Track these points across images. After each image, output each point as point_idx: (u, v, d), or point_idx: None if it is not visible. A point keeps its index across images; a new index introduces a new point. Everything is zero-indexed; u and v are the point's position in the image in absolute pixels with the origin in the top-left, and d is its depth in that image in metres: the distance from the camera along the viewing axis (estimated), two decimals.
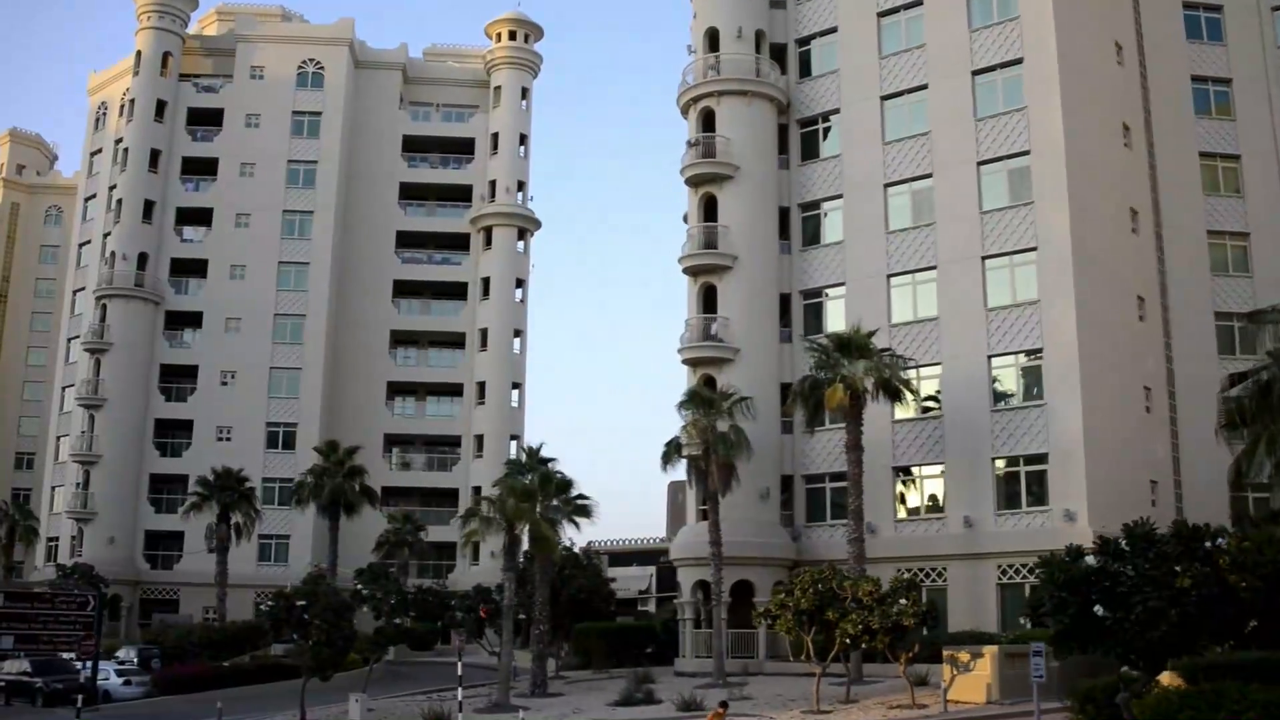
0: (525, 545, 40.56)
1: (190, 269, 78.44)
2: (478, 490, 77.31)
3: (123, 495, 73.70)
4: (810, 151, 48.00)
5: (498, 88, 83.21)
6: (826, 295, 46.80)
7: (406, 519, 65.68)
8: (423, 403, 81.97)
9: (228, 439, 75.30)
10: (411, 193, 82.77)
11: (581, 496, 39.49)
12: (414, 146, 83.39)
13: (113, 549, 72.08)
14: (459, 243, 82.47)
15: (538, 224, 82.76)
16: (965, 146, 43.39)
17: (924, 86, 44.96)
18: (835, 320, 45.28)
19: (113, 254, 76.72)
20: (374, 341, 79.59)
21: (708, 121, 47.43)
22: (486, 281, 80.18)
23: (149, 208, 77.66)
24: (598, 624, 47.83)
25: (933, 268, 43.47)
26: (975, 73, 43.83)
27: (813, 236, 47.31)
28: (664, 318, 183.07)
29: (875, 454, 41.44)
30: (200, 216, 79.16)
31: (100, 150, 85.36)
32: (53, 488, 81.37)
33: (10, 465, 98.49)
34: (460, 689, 32.14)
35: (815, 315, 46.81)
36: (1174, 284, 47.52)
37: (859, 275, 45.06)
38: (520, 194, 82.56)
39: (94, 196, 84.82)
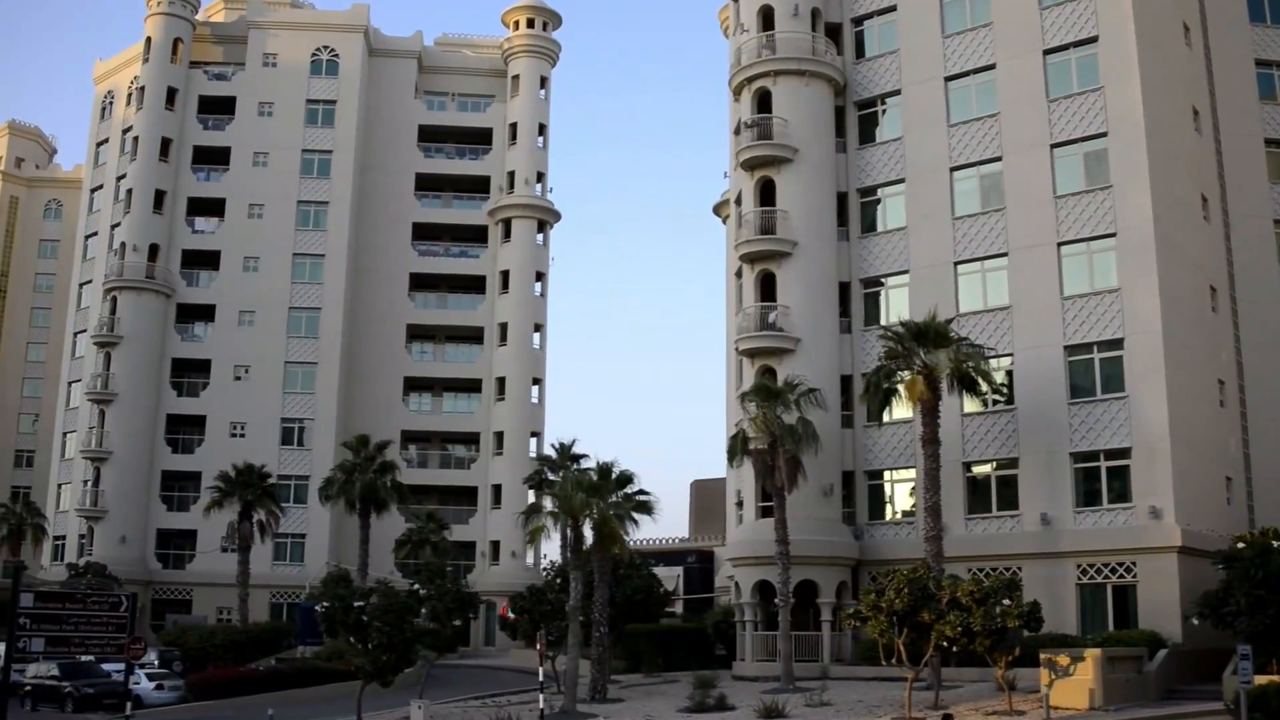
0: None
1: (202, 260, 76.21)
2: (498, 489, 75.48)
3: (134, 493, 71.47)
4: (868, 135, 46.22)
5: (515, 76, 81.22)
6: (883, 284, 45.04)
7: (430, 517, 63.55)
8: (439, 399, 79.87)
9: (241, 435, 73.13)
10: (428, 184, 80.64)
11: (642, 492, 37.58)
12: (430, 137, 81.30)
13: (124, 548, 69.87)
14: (476, 235, 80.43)
15: (557, 216, 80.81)
16: (1037, 129, 41.64)
17: (991, 66, 43.20)
18: (897, 309, 43.44)
19: (123, 245, 74.43)
20: (390, 336, 77.49)
21: (763, 103, 45.58)
22: (505, 275, 78.16)
23: (160, 198, 75.37)
24: (645, 626, 45.89)
25: (1004, 254, 41.69)
26: (1047, 52, 42.05)
27: (871, 223, 45.51)
28: (685, 313, 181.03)
29: (944, 449, 39.48)
30: (212, 207, 76.96)
31: (107, 140, 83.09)
32: (59, 485, 79.01)
33: (10, 463, 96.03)
34: (543, 694, 30.16)
35: (873, 305, 45.03)
36: (1240, 273, 46.09)
37: (924, 263, 43.25)
38: (539, 185, 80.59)
39: (100, 187, 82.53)
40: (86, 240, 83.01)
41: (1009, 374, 40.65)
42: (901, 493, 42.96)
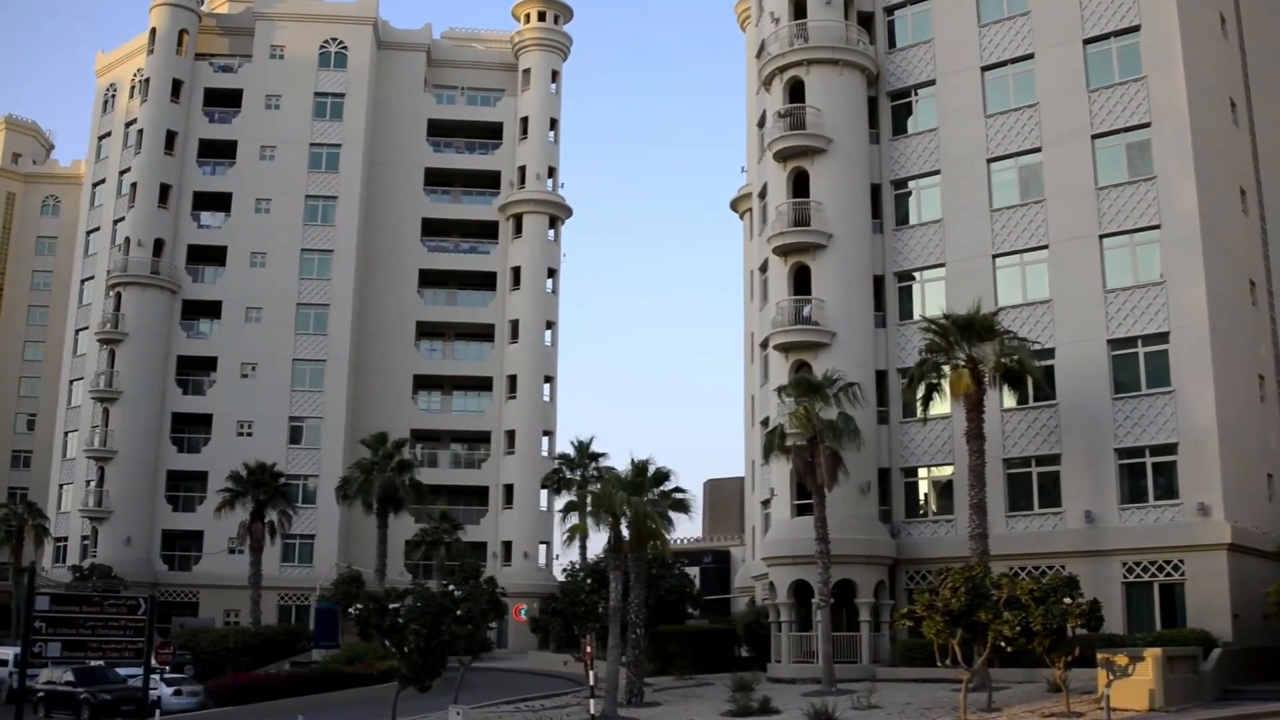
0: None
1: (208, 256, 75.03)
2: (509, 488, 74.42)
3: (139, 493, 70.24)
4: (901, 126, 45.30)
5: (526, 70, 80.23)
6: (915, 278, 44.11)
7: (444, 517, 62.51)
8: (449, 397, 78.77)
9: (249, 434, 71.93)
10: (437, 179, 79.63)
11: (679, 489, 36.56)
12: (439, 131, 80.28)
13: (129, 549, 68.66)
14: (486, 231, 79.40)
15: (569, 211, 79.80)
16: (1077, 119, 40.77)
17: (1029, 56, 42.31)
18: (933, 303, 42.53)
19: (127, 240, 73.21)
20: (399, 333, 76.38)
21: (794, 93, 44.63)
22: (516, 271, 77.17)
23: (165, 192, 74.23)
24: (673, 627, 44.86)
25: (1044, 247, 40.80)
26: (1087, 41, 41.19)
27: (905, 215, 44.58)
28: (695, 311, 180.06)
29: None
30: (218, 201, 75.75)
31: (109, 134, 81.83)
32: (60, 485, 77.66)
33: (6, 463, 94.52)
34: (592, 699, 29.13)
35: (906, 299, 44.11)
36: (1277, 268, 45.47)
37: (961, 256, 42.33)
38: (550, 180, 79.55)
39: (103, 181, 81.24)
40: (88, 235, 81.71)
41: (1049, 369, 39.71)
42: (939, 490, 42.02)
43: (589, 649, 30.20)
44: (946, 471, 41.50)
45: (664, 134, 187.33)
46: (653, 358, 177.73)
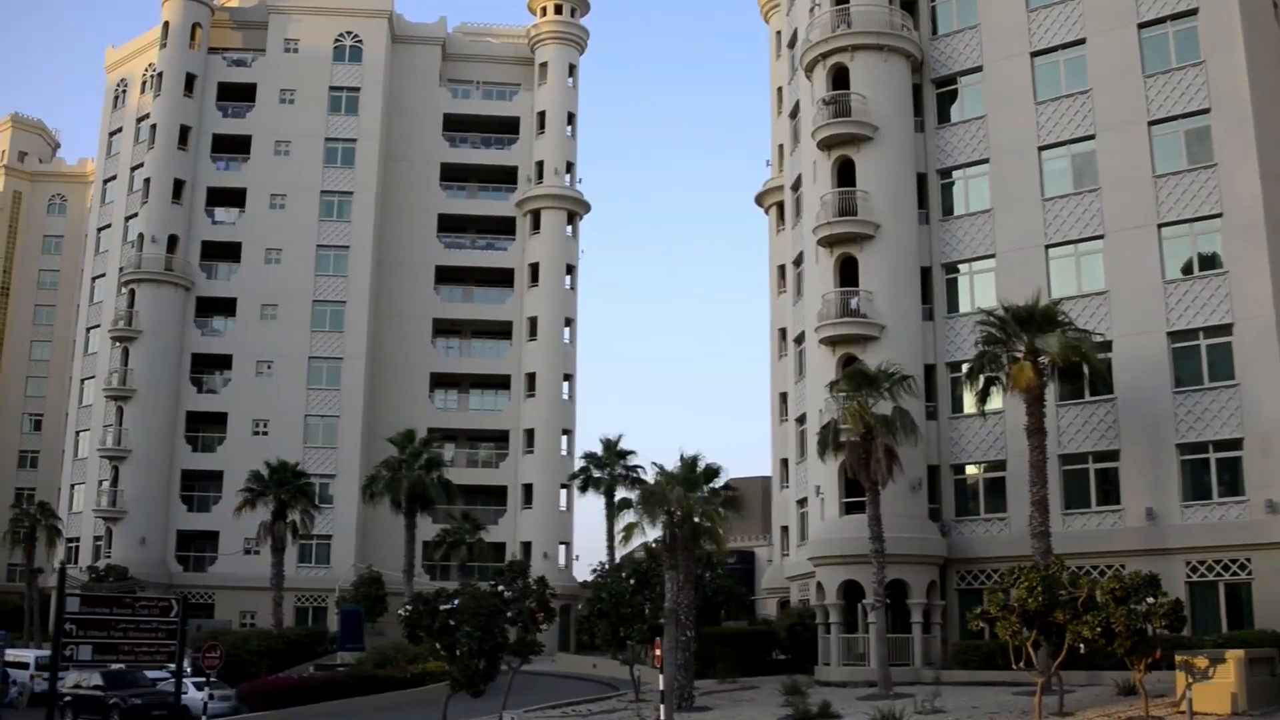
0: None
1: (222, 253, 73.82)
2: (528, 488, 73.18)
3: (153, 493, 69.02)
4: (946, 114, 44.17)
5: (543, 64, 79.03)
6: (960, 270, 43.00)
7: (465, 517, 61.27)
8: (466, 395, 77.52)
9: (264, 433, 70.71)
10: (453, 174, 78.41)
11: (728, 487, 35.34)
12: (455, 126, 79.07)
13: (144, 550, 67.44)
14: (502, 227, 78.23)
15: (587, 207, 78.60)
16: (1133, 105, 39.64)
17: (1081, 41, 41.19)
18: (983, 295, 41.46)
19: (140, 236, 71.97)
20: (415, 330, 75.16)
21: (838, 79, 43.48)
22: (535, 267, 75.93)
23: (179, 187, 73.04)
24: (714, 629, 43.64)
25: (1099, 237, 39.67)
26: (1141, 25, 40.05)
27: (951, 205, 43.45)
28: (711, 309, 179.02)
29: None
30: (232, 197, 74.55)
31: (120, 129, 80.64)
32: (72, 486, 76.40)
33: (14, 464, 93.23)
34: (663, 705, 27.92)
35: (953, 291, 42.98)
36: None
37: (1011, 246, 41.19)
38: (569, 176, 78.37)
39: (114, 178, 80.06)
40: (99, 232, 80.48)
41: (1106, 362, 38.53)
42: (990, 488, 40.84)
43: (659, 651, 28.91)
44: (998, 468, 40.32)
45: (681, 128, 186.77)
46: (669, 355, 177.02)
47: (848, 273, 42.16)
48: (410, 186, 76.66)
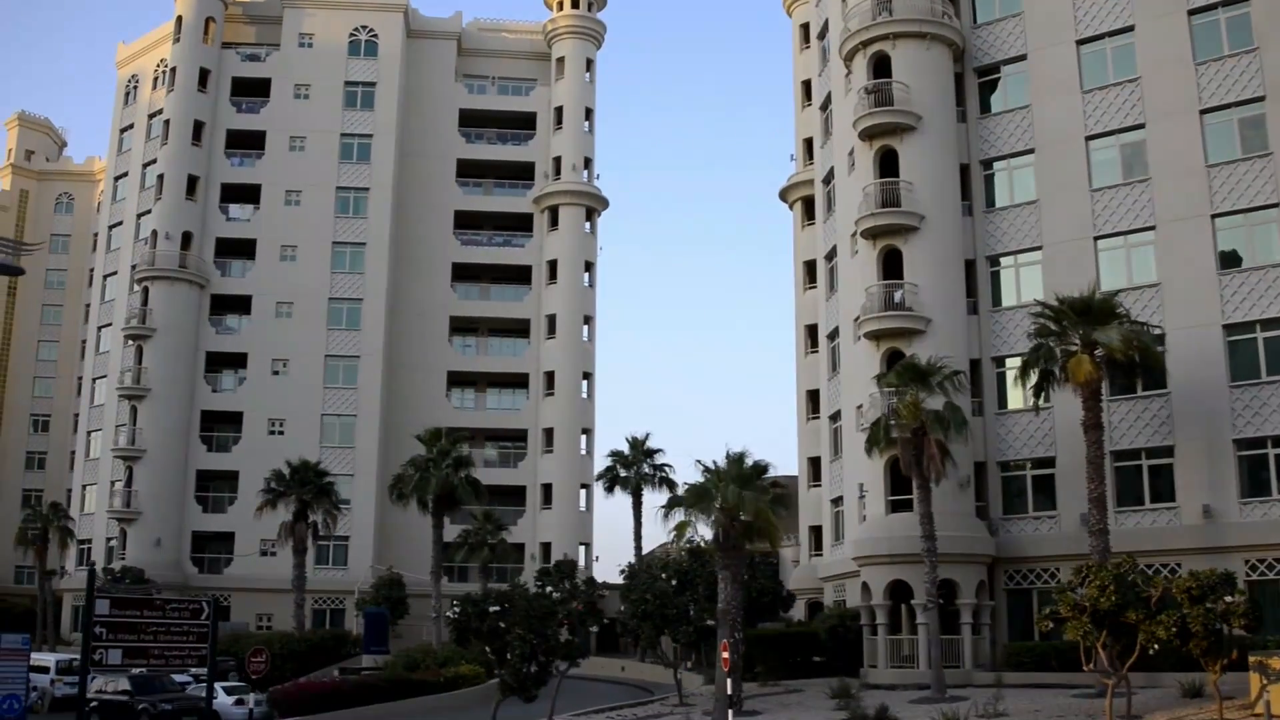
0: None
1: (237, 249, 72.79)
2: (548, 488, 72.18)
3: (168, 493, 68.00)
4: (988, 103, 43.25)
5: (560, 59, 78.03)
6: (1003, 263, 42.08)
7: (487, 518, 60.27)
8: (482, 394, 76.51)
9: (280, 432, 69.69)
10: (469, 170, 77.39)
11: (776, 484, 34.38)
12: (471, 121, 78.08)
13: (159, 551, 66.43)
14: (519, 224, 77.25)
15: (605, 203, 77.64)
16: (1184, 93, 38.73)
17: (1129, 28, 40.26)
18: (1029, 287, 40.59)
19: (154, 232, 70.96)
20: (432, 329, 74.15)
21: (879, 68, 42.55)
22: (553, 265, 74.93)
23: (192, 183, 72.03)
24: (753, 631, 42.63)
25: (1150, 228, 38.75)
26: (1192, 11, 39.16)
27: (994, 197, 42.52)
28: (729, 306, 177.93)
29: (1083, 437, 36.38)
30: (247, 194, 73.53)
31: (131, 126, 79.60)
32: (84, 486, 75.37)
33: (21, 465, 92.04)
34: (730, 710, 26.95)
35: (997, 284, 42.05)
36: None
37: (1059, 238, 40.26)
38: (586, 171, 77.40)
39: (125, 175, 79.04)
40: (110, 230, 79.45)
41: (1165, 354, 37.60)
42: (1039, 485, 39.87)
43: (728, 654, 27.87)
44: (1047, 465, 39.38)
45: (700, 122, 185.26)
46: (686, 351, 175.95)
47: (891, 266, 41.20)
48: (426, 183, 75.68)
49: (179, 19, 73.62)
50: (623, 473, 57.07)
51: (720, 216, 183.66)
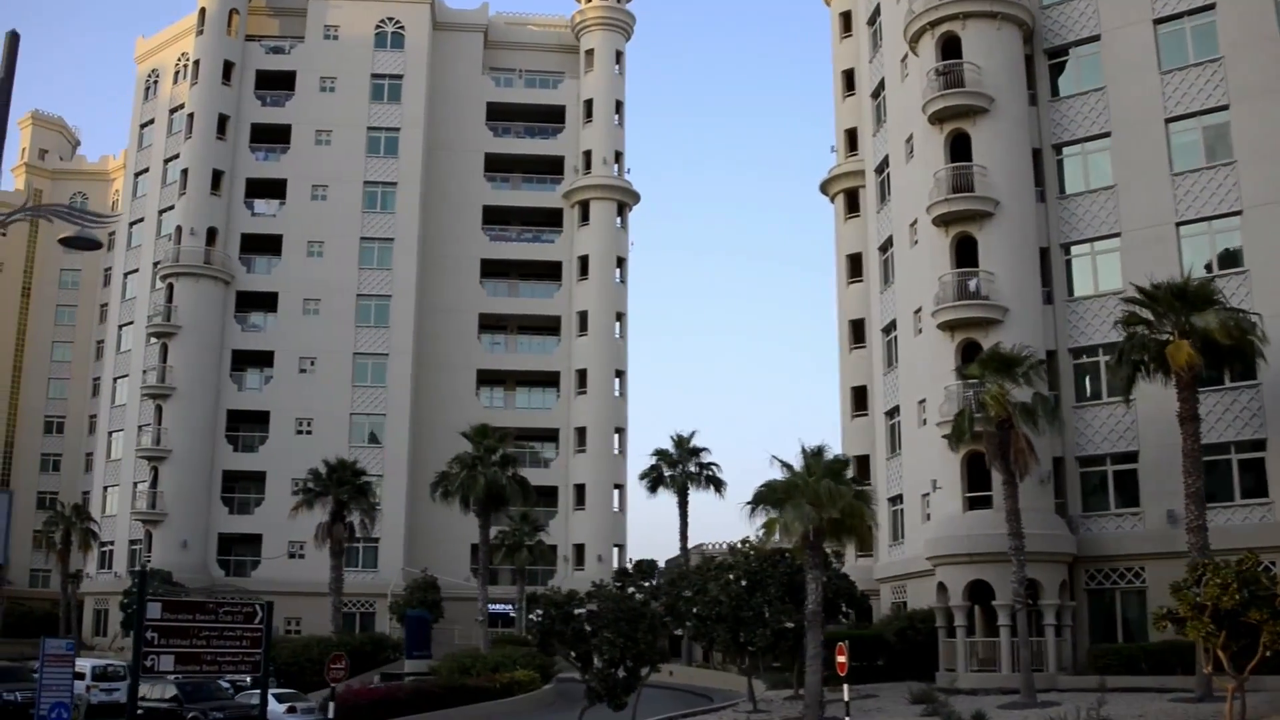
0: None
1: (263, 245, 71.28)
2: (580, 488, 70.67)
3: (194, 494, 66.44)
4: (1058, 85, 41.77)
5: (589, 51, 76.56)
6: (1076, 251, 40.58)
7: (525, 519, 58.74)
8: (512, 393, 74.95)
9: (308, 431, 68.14)
10: (497, 165, 75.91)
11: (858, 480, 32.83)
12: (498, 115, 76.61)
13: (185, 553, 64.80)
14: (548, 219, 75.74)
15: (636, 198, 76.13)
16: (1270, 73, 37.23)
17: (1210, 6, 38.79)
18: (1107, 275, 39.15)
19: (178, 228, 69.42)
20: (461, 326, 72.63)
21: (947, 49, 41.08)
22: (584, 260, 73.39)
23: (217, 178, 70.50)
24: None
25: (1236, 213, 37.25)
26: None
27: (1066, 182, 41.01)
28: (765, 300, 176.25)
29: (1169, 430, 34.88)
30: (273, 188, 71.98)
31: (151, 121, 78.09)
32: (105, 488, 73.79)
33: (36, 468, 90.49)
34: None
35: (1071, 272, 40.56)
36: None
37: (1138, 224, 38.75)
38: (617, 165, 75.89)
39: (146, 170, 77.51)
40: (131, 227, 77.89)
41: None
42: (1121, 480, 38.32)
43: (844, 657, 26.32)
44: (1130, 459, 37.85)
45: (733, 114, 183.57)
46: (720, 348, 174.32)
47: (964, 254, 39.70)
48: (454, 177, 74.19)
49: (202, 11, 72.12)
50: (668, 472, 55.51)
51: (748, 212, 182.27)
